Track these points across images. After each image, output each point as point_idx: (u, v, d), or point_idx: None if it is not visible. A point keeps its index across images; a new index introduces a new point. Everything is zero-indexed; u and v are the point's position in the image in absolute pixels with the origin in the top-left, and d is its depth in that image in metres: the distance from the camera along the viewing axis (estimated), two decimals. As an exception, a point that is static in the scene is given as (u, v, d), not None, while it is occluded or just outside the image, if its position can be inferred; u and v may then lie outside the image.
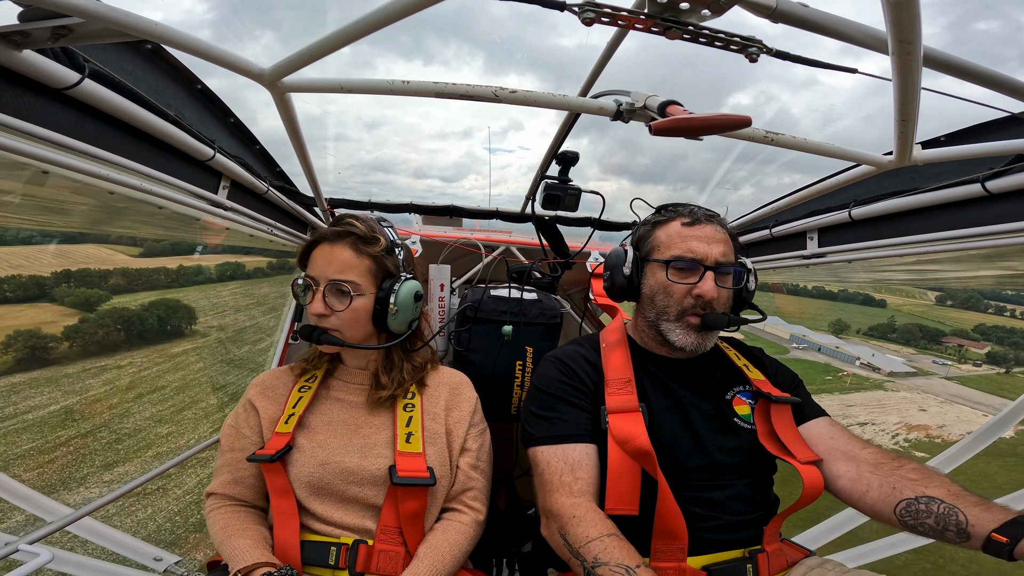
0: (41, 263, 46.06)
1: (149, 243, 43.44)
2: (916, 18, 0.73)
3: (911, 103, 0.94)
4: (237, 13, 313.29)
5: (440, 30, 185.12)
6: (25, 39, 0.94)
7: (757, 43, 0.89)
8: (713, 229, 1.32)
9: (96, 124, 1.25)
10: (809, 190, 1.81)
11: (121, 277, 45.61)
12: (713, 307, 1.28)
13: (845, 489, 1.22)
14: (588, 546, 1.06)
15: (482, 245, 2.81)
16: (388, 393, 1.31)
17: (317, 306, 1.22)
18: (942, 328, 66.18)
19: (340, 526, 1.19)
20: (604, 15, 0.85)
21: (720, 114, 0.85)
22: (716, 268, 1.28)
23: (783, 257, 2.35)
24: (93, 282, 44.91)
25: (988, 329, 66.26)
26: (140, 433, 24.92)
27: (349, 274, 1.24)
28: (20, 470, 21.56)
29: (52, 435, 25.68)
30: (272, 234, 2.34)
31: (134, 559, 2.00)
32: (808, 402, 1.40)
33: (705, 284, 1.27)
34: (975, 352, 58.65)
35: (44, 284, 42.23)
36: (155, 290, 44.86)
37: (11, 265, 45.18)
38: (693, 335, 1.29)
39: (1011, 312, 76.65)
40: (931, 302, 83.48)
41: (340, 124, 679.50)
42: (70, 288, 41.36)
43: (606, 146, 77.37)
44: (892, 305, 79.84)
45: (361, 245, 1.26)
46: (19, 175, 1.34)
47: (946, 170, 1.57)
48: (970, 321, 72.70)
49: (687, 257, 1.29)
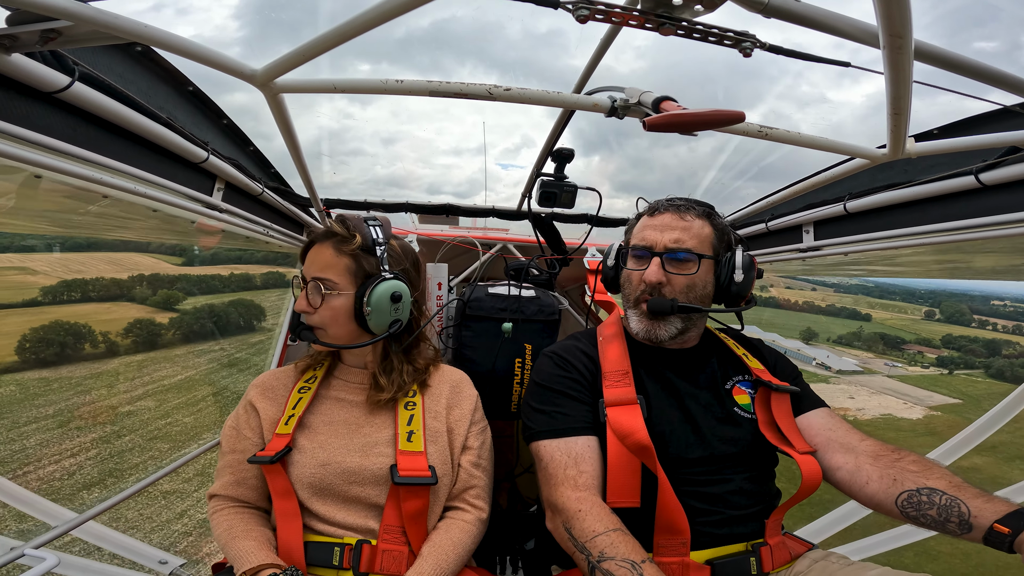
0: (98, 269, 52.18)
1: (189, 252, 49.15)
2: (907, 12, 0.73)
3: (903, 97, 0.94)
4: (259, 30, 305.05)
5: (457, 50, 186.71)
6: (13, 43, 0.93)
7: (751, 38, 0.90)
8: (672, 217, 1.34)
9: (88, 127, 1.25)
10: (804, 184, 1.82)
11: (184, 282, 52.46)
12: (662, 293, 1.30)
13: (844, 481, 1.22)
14: (594, 540, 1.06)
15: (479, 243, 2.81)
16: (388, 396, 1.31)
17: (300, 303, 1.28)
18: (905, 336, 72.80)
19: (343, 526, 1.19)
20: (598, 12, 0.85)
21: (714, 109, 0.85)
22: (665, 254, 1.30)
23: (779, 251, 2.36)
24: (162, 285, 51.18)
25: (954, 339, 72.33)
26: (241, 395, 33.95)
27: (328, 272, 1.27)
28: (181, 416, 27.95)
29: (187, 394, 33.83)
30: (268, 235, 2.34)
31: (139, 562, 2.00)
32: (807, 393, 1.40)
33: (649, 269, 1.30)
34: (928, 356, 66.26)
35: (122, 286, 49.39)
36: (215, 294, 52.88)
37: (71, 270, 51.42)
38: (645, 321, 1.33)
39: (992, 326, 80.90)
40: (918, 317, 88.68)
41: (357, 139, 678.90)
42: (143, 290, 48.62)
43: (617, 164, 78.02)
44: (877, 319, 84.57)
45: (340, 244, 1.28)
46: (14, 179, 1.34)
47: (939, 163, 1.58)
48: (940, 332, 78.24)
49: (640, 245, 1.35)
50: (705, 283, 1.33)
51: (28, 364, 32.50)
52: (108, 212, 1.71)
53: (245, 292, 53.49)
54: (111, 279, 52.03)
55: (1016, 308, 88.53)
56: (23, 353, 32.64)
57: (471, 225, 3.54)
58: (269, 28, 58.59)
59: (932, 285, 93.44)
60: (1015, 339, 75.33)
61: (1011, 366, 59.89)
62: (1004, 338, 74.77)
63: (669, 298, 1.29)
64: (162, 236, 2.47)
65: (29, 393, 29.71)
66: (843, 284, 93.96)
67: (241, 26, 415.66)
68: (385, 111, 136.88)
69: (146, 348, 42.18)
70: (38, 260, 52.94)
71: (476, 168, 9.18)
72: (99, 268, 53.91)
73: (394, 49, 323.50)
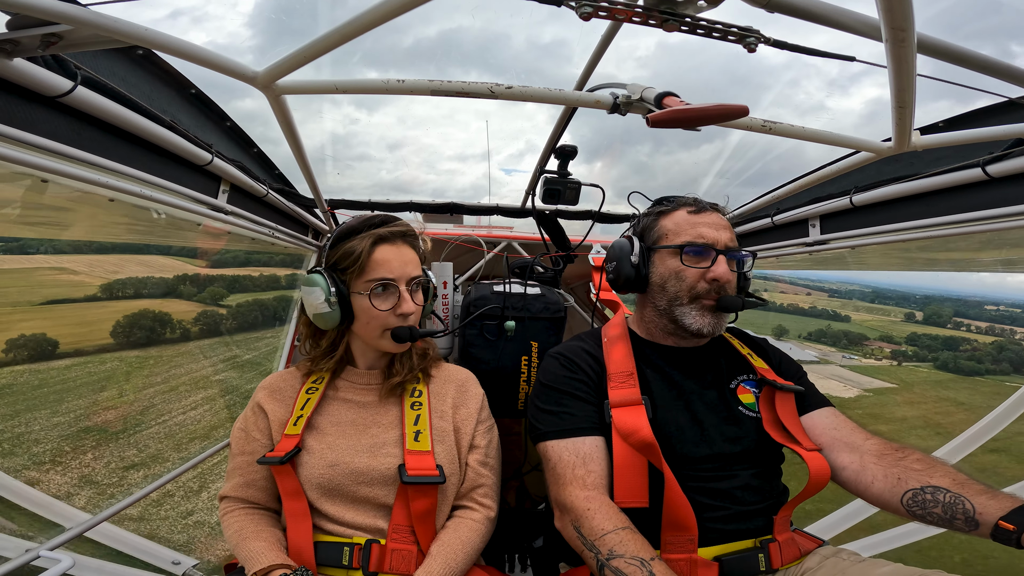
0: (130, 270, 55.40)
1: (211, 255, 52.12)
2: (908, 5, 0.72)
3: (907, 90, 0.94)
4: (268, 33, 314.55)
5: (462, 60, 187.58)
6: (15, 47, 0.94)
7: (755, 33, 0.89)
8: (717, 216, 1.36)
9: (92, 131, 1.25)
10: (809, 177, 1.81)
11: (221, 281, 56.27)
12: (727, 290, 1.30)
13: (850, 480, 1.22)
14: (603, 539, 1.06)
15: (484, 241, 2.81)
16: (399, 379, 1.33)
17: (409, 305, 1.29)
18: (869, 334, 77.79)
19: (352, 526, 1.20)
20: (601, 9, 0.85)
21: (717, 104, 0.84)
22: (726, 252, 1.30)
23: (785, 245, 2.35)
24: (203, 284, 55.23)
25: (918, 337, 77.19)
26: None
27: (419, 268, 1.34)
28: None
29: (260, 369, 34.04)
30: (273, 237, 2.35)
31: (152, 563, 2.01)
32: (812, 392, 1.40)
33: (719, 267, 1.29)
34: (885, 351, 72.56)
35: (167, 284, 53.75)
36: (248, 292, 55.85)
37: (107, 271, 54.76)
38: (709, 316, 1.30)
39: (967, 327, 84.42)
40: (898, 319, 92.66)
41: (363, 144, 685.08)
42: (188, 287, 53.08)
43: (619, 171, 78.17)
44: (856, 320, 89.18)
45: (413, 240, 1.35)
46: (21, 184, 1.35)
47: (945, 155, 1.56)
48: (909, 331, 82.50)
49: (699, 242, 1.31)
50: (735, 279, 1.36)
51: (122, 345, 38.78)
52: (117, 216, 1.72)
53: (275, 291, 55.52)
54: (160, 278, 56.23)
55: (1007, 312, 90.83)
56: (117, 336, 39.06)
57: (475, 223, 3.54)
58: (277, 35, 59.90)
59: (929, 290, 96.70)
60: (974, 336, 79.48)
61: (954, 359, 65.44)
62: (964, 336, 79.18)
63: (733, 295, 1.32)
64: (171, 240, 2.50)
65: (133, 367, 35.70)
66: (841, 289, 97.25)
67: (253, 35, 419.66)
68: (392, 117, 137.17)
69: (212, 335, 47.27)
70: (72, 261, 55.58)
71: (480, 174, 9.19)
72: (133, 269, 56.57)
73: (401, 58, 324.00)
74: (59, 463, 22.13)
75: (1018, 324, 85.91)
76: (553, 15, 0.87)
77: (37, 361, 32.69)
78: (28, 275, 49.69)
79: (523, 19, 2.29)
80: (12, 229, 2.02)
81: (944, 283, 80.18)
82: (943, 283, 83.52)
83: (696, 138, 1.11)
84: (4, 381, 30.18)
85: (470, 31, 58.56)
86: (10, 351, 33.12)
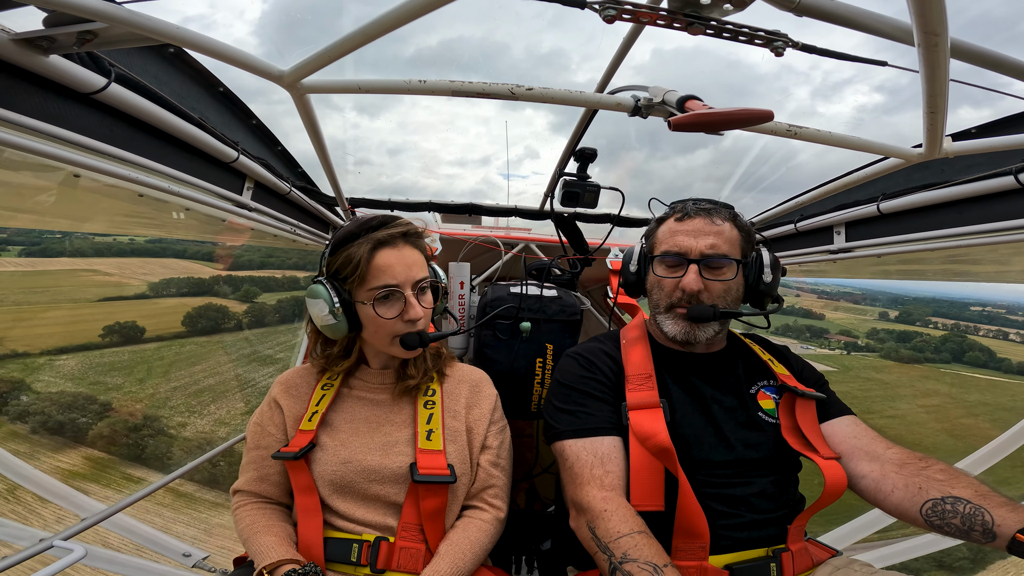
0: (159, 272, 58.51)
1: (236, 254, 57.68)
2: (942, 9, 0.70)
3: (940, 95, 0.91)
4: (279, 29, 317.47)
5: (463, 68, 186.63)
6: (51, 44, 0.96)
7: (783, 37, 0.88)
8: (704, 222, 1.32)
9: (124, 128, 1.28)
10: (835, 184, 1.77)
11: (250, 282, 60.12)
12: (700, 299, 1.29)
13: (869, 489, 1.19)
14: (618, 541, 1.05)
15: (501, 242, 2.81)
16: (415, 382, 1.32)
17: (416, 311, 1.23)
18: (832, 329, 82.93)
19: (362, 523, 1.21)
20: (625, 12, 0.84)
21: (741, 108, 0.83)
22: (701, 260, 1.28)
23: (809, 252, 2.31)
24: (238, 284, 58.88)
25: (877, 332, 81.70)
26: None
27: (425, 270, 1.27)
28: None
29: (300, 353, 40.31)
30: (295, 234, 2.38)
31: (164, 554, 2.04)
32: (833, 400, 1.37)
33: (687, 277, 1.28)
34: (840, 342, 78.09)
35: (203, 284, 57.50)
36: (275, 292, 58.89)
37: (136, 273, 57.84)
38: (682, 324, 1.31)
39: (935, 325, 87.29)
40: (872, 317, 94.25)
41: (364, 149, 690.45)
42: (221, 287, 57.02)
43: (616, 175, 79.00)
44: (830, 318, 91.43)
45: (418, 240, 1.28)
46: (53, 178, 1.38)
47: (977, 162, 1.52)
48: (871, 327, 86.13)
49: (672, 251, 1.32)
50: (738, 286, 1.32)
51: (192, 333, 44.89)
52: (145, 211, 1.76)
53: (299, 291, 59.68)
54: (197, 278, 59.39)
55: (992, 312, 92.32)
56: (187, 325, 45.24)
57: (493, 224, 3.54)
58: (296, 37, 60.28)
59: (920, 292, 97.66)
60: (928, 331, 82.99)
61: (895, 348, 71.17)
62: (918, 331, 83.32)
63: (709, 304, 1.28)
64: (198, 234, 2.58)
65: (207, 350, 41.30)
66: (832, 291, 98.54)
67: (268, 35, 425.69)
68: (392, 123, 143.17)
69: (259, 325, 51.01)
70: (102, 263, 58.68)
71: (479, 179, 9.25)
72: (159, 272, 59.04)
73: (404, 65, 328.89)
74: (195, 412, 30.23)
75: (994, 323, 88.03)
76: (555, 23, 0.88)
77: (130, 344, 39.27)
78: (72, 276, 54.22)
79: (524, 29, 2.25)
80: (53, 223, 2.09)
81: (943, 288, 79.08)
82: (940, 288, 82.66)
83: (695, 143, 1.10)
84: (116, 359, 36.58)
85: (471, 40, 58.14)
86: (107, 336, 38.89)
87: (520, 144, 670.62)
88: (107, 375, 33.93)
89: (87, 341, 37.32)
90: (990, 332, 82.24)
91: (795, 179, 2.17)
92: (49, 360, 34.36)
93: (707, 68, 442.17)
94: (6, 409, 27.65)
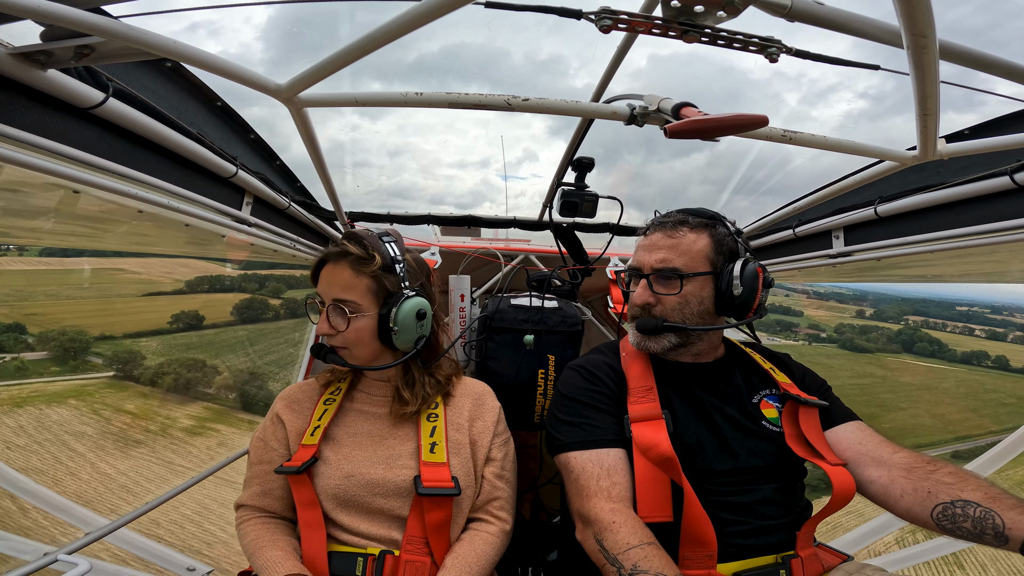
0: (182, 273, 62.39)
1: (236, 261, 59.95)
2: (928, 11, 0.71)
3: (931, 97, 0.92)
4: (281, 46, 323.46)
5: (464, 74, 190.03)
6: (49, 58, 0.96)
7: (776, 43, 0.88)
8: (661, 236, 1.35)
9: (123, 143, 1.28)
10: (832, 188, 1.78)
11: (273, 280, 63.91)
12: (651, 312, 1.33)
13: (879, 495, 1.19)
14: (627, 553, 1.04)
15: (501, 254, 2.81)
16: (412, 409, 1.31)
17: (322, 326, 1.27)
18: (801, 324, 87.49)
19: (367, 537, 1.20)
20: (621, 22, 0.85)
21: (736, 114, 0.84)
22: (651, 275, 1.33)
23: (808, 257, 2.31)
24: (264, 283, 62.75)
25: (844, 326, 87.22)
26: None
27: (349, 294, 1.25)
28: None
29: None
30: (295, 248, 2.38)
31: (168, 568, 2.03)
32: (837, 406, 1.37)
33: (636, 291, 1.37)
34: (804, 335, 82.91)
35: (233, 281, 63.41)
36: (296, 289, 62.26)
37: (162, 272, 62.36)
38: (636, 335, 1.37)
39: (905, 322, 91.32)
40: (850, 315, 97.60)
41: (364, 151, 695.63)
42: (249, 284, 62.16)
43: (614, 178, 78.51)
44: (808, 314, 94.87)
45: (359, 265, 1.25)
46: (53, 195, 1.39)
47: (972, 163, 1.53)
48: (837, 319, 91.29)
49: (632, 267, 1.40)
50: (701, 299, 1.31)
51: (239, 321, 52.25)
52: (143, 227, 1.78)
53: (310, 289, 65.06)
54: (226, 276, 64.57)
55: (975, 312, 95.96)
56: (236, 315, 52.77)
57: (493, 236, 3.55)
58: (293, 49, 61.24)
59: (909, 293, 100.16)
60: (887, 325, 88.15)
61: (850, 340, 78.87)
62: (876, 325, 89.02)
63: (658, 317, 1.32)
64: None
65: (254, 336, 48.98)
66: (824, 292, 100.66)
67: (266, 47, 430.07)
68: (393, 124, 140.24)
69: (293, 316, 55.31)
70: (126, 263, 62.01)
71: (478, 180, 9.29)
72: (182, 272, 61.98)
73: (405, 71, 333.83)
74: (271, 377, 37.44)
75: (972, 321, 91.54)
76: (554, 30, 0.88)
77: (194, 330, 47.92)
78: (110, 275, 60.35)
79: (523, 37, 2.27)
80: (62, 240, 2.13)
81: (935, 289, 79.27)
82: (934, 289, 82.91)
83: (690, 146, 1.11)
84: (187, 341, 45.86)
85: (471, 47, 57.79)
86: (175, 322, 47.78)
87: (518, 147, 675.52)
88: (187, 352, 43.13)
89: (159, 327, 47.29)
90: (956, 328, 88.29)
91: (791, 183, 2.20)
92: (133, 341, 44.18)
93: (702, 73, 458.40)
94: (138, 374, 37.62)
